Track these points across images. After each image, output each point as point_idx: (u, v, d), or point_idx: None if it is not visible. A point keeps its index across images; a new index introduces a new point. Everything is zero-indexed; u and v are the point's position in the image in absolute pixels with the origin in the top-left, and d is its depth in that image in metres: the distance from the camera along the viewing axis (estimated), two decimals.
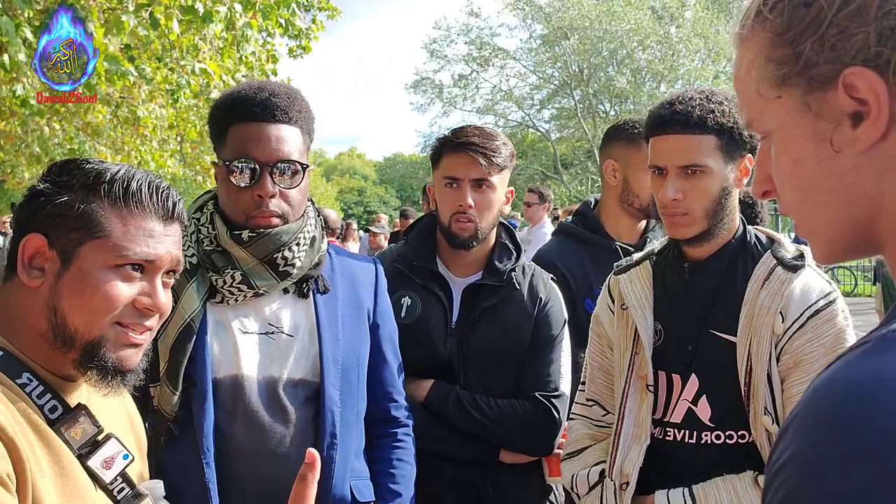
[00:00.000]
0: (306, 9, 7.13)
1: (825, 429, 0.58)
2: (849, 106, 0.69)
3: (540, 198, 7.45)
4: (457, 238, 2.08)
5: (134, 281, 1.16)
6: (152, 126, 8.42)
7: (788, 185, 0.77)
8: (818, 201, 0.74)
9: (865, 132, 0.69)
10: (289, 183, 1.66)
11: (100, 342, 1.14)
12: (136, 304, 1.16)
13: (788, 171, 0.76)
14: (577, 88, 29.55)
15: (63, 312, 1.13)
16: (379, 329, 1.83)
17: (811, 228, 0.78)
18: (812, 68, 0.71)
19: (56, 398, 1.14)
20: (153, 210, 1.18)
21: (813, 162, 0.73)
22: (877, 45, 0.67)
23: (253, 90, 1.68)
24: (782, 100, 0.74)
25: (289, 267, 1.66)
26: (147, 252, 1.16)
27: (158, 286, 1.18)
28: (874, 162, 0.70)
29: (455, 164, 2.07)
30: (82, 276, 1.13)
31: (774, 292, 1.67)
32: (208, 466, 1.56)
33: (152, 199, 1.18)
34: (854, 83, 0.68)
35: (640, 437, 1.76)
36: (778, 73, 0.73)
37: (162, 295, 1.19)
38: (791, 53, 0.72)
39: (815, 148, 0.72)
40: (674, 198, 1.68)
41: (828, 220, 0.75)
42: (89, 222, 1.14)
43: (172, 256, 1.20)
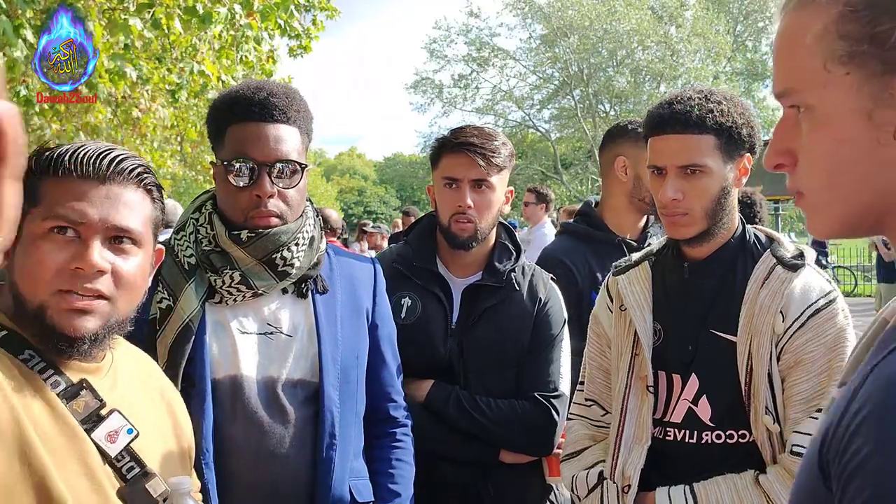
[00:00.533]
0: (306, 9, 7.13)
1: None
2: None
3: (538, 198, 7.43)
4: (456, 238, 2.08)
5: (67, 246, 1.15)
6: (152, 126, 8.42)
7: (820, 163, 0.75)
8: (846, 184, 0.73)
9: None
10: (287, 183, 1.65)
11: (43, 308, 1.13)
12: (69, 266, 1.14)
13: (827, 150, 0.74)
14: (577, 88, 29.55)
15: (17, 285, 1.16)
16: (378, 329, 1.83)
17: (825, 207, 0.77)
18: (890, 51, 0.68)
19: (58, 374, 1.15)
20: (81, 172, 1.17)
21: (858, 145, 0.71)
22: None
23: (251, 90, 1.67)
24: (849, 77, 0.71)
25: (287, 267, 1.66)
26: (68, 214, 1.15)
27: (92, 246, 1.15)
28: None
29: (454, 164, 2.07)
30: (24, 247, 1.15)
31: (774, 291, 1.67)
32: (207, 467, 1.56)
33: (82, 163, 1.18)
34: None
35: (641, 438, 1.75)
36: (849, 50, 0.70)
37: (95, 254, 1.15)
38: (866, 32, 0.70)
39: (864, 131, 0.71)
40: (673, 198, 1.68)
41: (848, 200, 0.74)
42: (29, 194, 1.15)
43: (110, 221, 1.17)
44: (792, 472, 1.61)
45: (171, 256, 1.67)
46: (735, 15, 30.54)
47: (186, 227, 1.71)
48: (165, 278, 1.64)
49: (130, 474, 1.18)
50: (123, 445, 1.18)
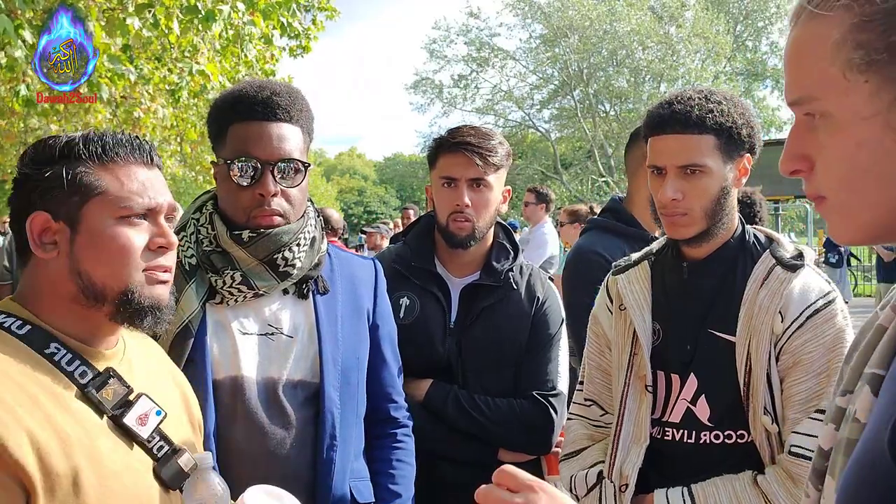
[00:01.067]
0: (306, 9, 7.14)
1: None
2: None
3: (538, 197, 7.42)
4: (454, 237, 2.08)
5: (142, 226, 1.23)
6: (152, 126, 8.42)
7: (841, 167, 0.77)
8: (867, 187, 0.75)
9: None
10: (290, 182, 1.65)
11: (131, 289, 1.21)
12: (151, 245, 1.24)
13: (848, 153, 0.76)
14: (577, 88, 29.54)
15: (88, 273, 1.20)
16: (378, 329, 1.83)
17: (848, 212, 0.79)
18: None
19: (85, 364, 1.20)
20: (135, 159, 1.25)
21: (878, 148, 0.74)
22: None
23: (254, 89, 1.67)
24: (868, 84, 0.73)
25: (289, 267, 1.66)
26: (148, 202, 1.23)
27: (164, 225, 1.26)
28: None
29: (451, 163, 2.07)
30: (94, 235, 1.20)
31: (773, 292, 1.67)
32: None
33: (130, 149, 1.25)
34: None
35: (639, 437, 1.76)
36: (866, 59, 0.73)
37: (170, 232, 1.26)
38: (882, 42, 0.72)
39: (883, 136, 0.73)
40: (673, 198, 1.68)
41: (871, 204, 0.76)
42: (82, 184, 1.20)
43: (169, 202, 1.28)
44: (790, 473, 1.61)
45: None
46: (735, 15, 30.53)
47: (187, 228, 1.71)
48: None
49: (161, 452, 1.26)
50: (154, 426, 1.25)
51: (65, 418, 1.14)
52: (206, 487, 1.26)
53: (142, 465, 1.24)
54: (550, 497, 0.92)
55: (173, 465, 1.26)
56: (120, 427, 1.21)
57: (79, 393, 1.18)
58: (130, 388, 1.24)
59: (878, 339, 0.85)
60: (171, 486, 1.26)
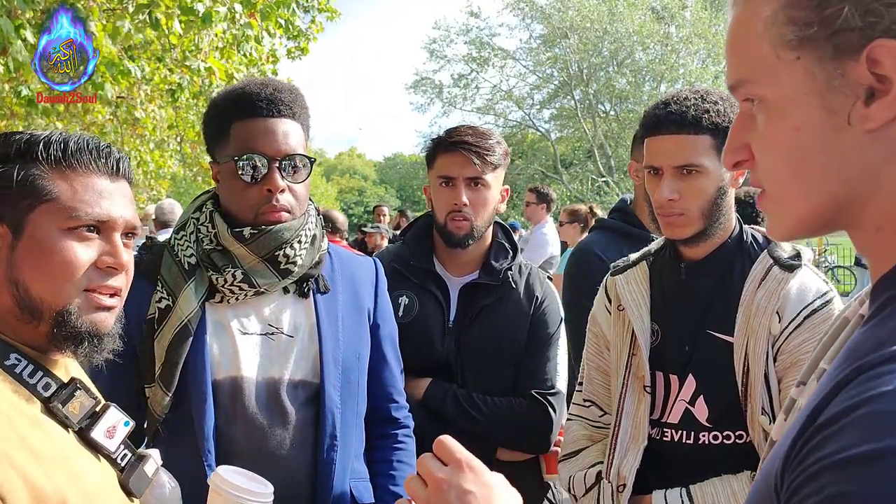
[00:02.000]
0: (306, 10, 7.14)
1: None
2: (866, 80, 0.66)
3: (539, 197, 7.41)
4: (453, 237, 2.09)
5: (91, 242, 1.13)
6: (152, 126, 8.42)
7: (780, 153, 0.72)
8: (808, 174, 0.71)
9: (880, 111, 0.65)
10: (295, 178, 1.65)
11: (69, 310, 1.11)
12: (99, 264, 1.14)
13: (785, 138, 0.71)
14: (577, 88, 29.52)
15: (25, 284, 1.10)
16: (379, 329, 1.82)
17: (787, 203, 0.74)
18: (839, 34, 0.66)
19: (48, 375, 1.13)
20: (97, 168, 1.16)
21: (815, 133, 0.69)
22: None
23: (256, 86, 1.67)
24: (799, 62, 0.69)
25: (290, 265, 1.65)
26: (100, 213, 1.13)
27: (118, 243, 1.16)
28: (879, 143, 0.67)
29: (449, 163, 2.08)
30: (37, 244, 1.11)
31: (771, 292, 1.67)
32: (210, 468, 1.55)
33: (94, 157, 1.16)
34: (879, 58, 0.65)
35: (637, 438, 1.76)
36: (799, 35, 0.68)
37: (124, 252, 1.16)
38: (815, 16, 0.67)
39: (820, 118, 0.69)
40: (669, 198, 1.68)
41: (812, 195, 0.72)
42: (34, 188, 1.11)
43: (127, 218, 1.17)
44: None
45: (171, 256, 1.66)
46: None
47: (187, 227, 1.70)
48: (165, 278, 1.64)
49: (125, 462, 1.20)
50: (121, 439, 1.19)
51: (37, 436, 1.07)
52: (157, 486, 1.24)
53: (111, 478, 1.18)
54: (476, 476, 0.90)
55: (140, 473, 1.21)
56: (85, 440, 1.15)
57: (43, 408, 1.11)
58: (97, 399, 1.18)
59: (839, 331, 0.83)
60: (136, 495, 1.21)
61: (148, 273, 1.66)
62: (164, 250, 1.69)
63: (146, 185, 12.89)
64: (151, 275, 1.65)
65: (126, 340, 1.64)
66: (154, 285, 1.64)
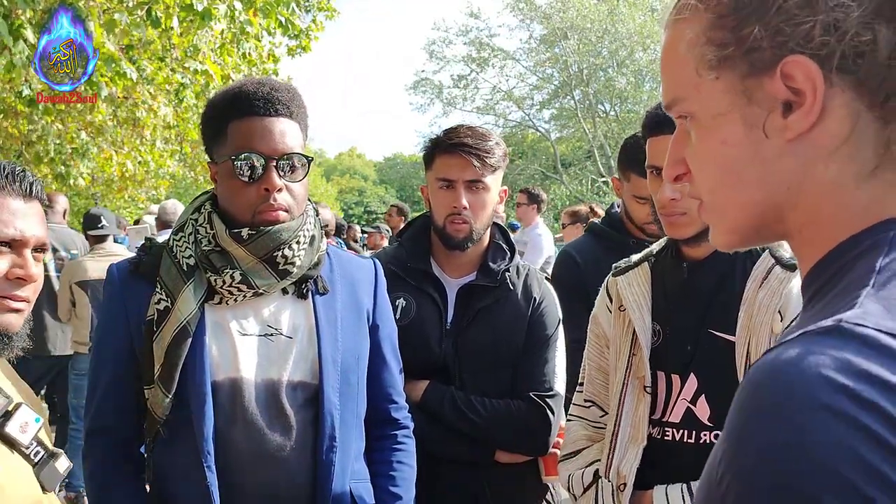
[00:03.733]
0: (306, 9, 7.15)
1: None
2: (782, 94, 0.70)
3: (530, 198, 7.41)
4: (452, 239, 2.08)
5: (4, 256, 1.28)
6: (152, 126, 8.42)
7: (710, 166, 0.77)
8: (737, 184, 0.75)
9: (797, 121, 0.70)
10: (293, 177, 1.65)
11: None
12: (9, 275, 1.28)
13: (714, 152, 0.76)
14: (577, 89, 29.53)
15: None
16: (378, 330, 1.82)
17: (721, 213, 0.79)
18: (753, 53, 0.71)
19: None
20: (12, 190, 1.30)
21: (740, 145, 0.74)
22: (822, 35, 0.68)
23: (254, 85, 1.66)
24: (719, 81, 0.74)
25: (289, 265, 1.65)
26: (13, 233, 1.28)
27: (28, 257, 1.31)
28: (799, 152, 0.71)
29: (448, 165, 2.07)
30: None
31: (773, 291, 1.67)
32: (209, 469, 1.56)
33: (9, 181, 1.30)
34: (791, 72, 0.69)
35: (636, 438, 1.75)
36: (717, 55, 0.73)
37: (33, 265, 1.31)
38: (732, 36, 0.72)
39: (744, 131, 0.73)
40: (672, 197, 1.68)
41: (742, 205, 0.76)
42: None
43: (38, 236, 1.33)
44: None
45: (169, 257, 1.66)
46: None
47: (185, 228, 1.69)
48: (164, 279, 1.63)
49: (38, 458, 1.30)
50: (33, 434, 1.30)
51: None
52: None
53: (24, 471, 1.28)
54: None
55: (51, 468, 1.31)
56: (2, 437, 1.25)
57: None
58: (10, 399, 1.28)
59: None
60: (48, 489, 1.32)
61: (147, 274, 1.65)
62: (162, 251, 1.68)
63: (146, 185, 12.89)
64: (150, 276, 1.65)
65: (126, 342, 1.65)
66: (153, 287, 1.64)
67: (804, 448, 0.55)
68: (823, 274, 0.71)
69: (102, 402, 1.66)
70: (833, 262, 0.71)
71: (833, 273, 0.70)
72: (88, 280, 5.06)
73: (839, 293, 0.66)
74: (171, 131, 9.35)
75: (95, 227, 5.35)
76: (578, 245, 2.77)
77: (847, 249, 0.70)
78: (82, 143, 8.26)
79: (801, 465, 0.55)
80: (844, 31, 0.67)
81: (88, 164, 8.62)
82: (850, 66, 0.68)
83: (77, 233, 6.07)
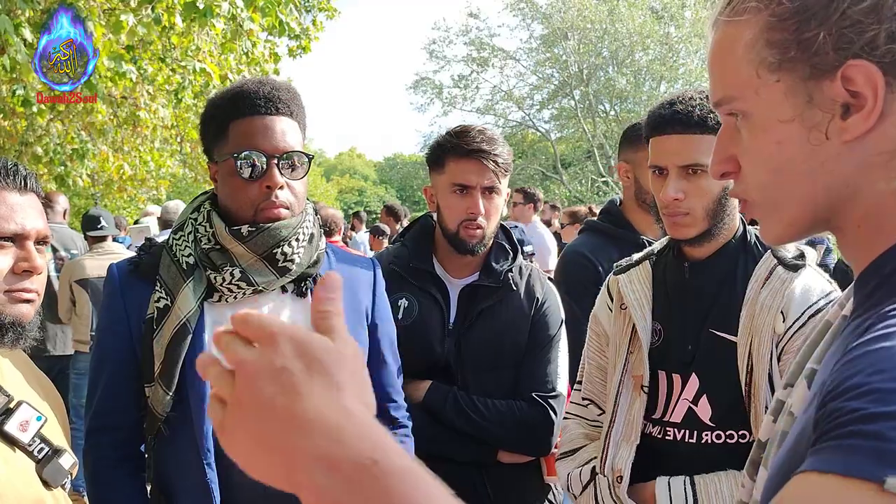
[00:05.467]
0: (306, 9, 7.14)
1: None
2: (842, 97, 0.72)
3: (525, 197, 7.45)
4: (466, 244, 2.07)
5: (7, 250, 1.30)
6: (152, 126, 8.42)
7: (764, 165, 0.78)
8: (792, 183, 0.77)
9: (856, 124, 0.72)
10: (294, 174, 1.65)
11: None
12: (16, 269, 1.30)
13: (769, 151, 0.77)
14: (577, 88, 29.53)
15: None
16: (377, 329, 1.82)
17: (774, 207, 0.80)
18: (816, 56, 0.72)
19: None
20: (7, 185, 1.32)
21: (797, 145, 0.75)
22: (886, 43, 0.69)
23: (254, 85, 1.66)
24: (780, 83, 0.75)
25: (288, 263, 1.65)
26: (14, 227, 1.30)
27: (32, 250, 1.32)
28: (857, 153, 0.73)
29: (465, 170, 2.05)
30: None
31: (775, 291, 1.67)
32: (210, 467, 1.56)
33: (2, 175, 1.31)
34: (852, 76, 0.71)
35: (629, 436, 1.75)
36: (778, 57, 0.75)
37: (37, 257, 1.33)
38: (793, 38, 0.74)
39: (802, 132, 0.74)
40: (675, 197, 1.68)
41: (797, 200, 0.77)
42: None
43: (39, 228, 1.34)
44: None
45: (169, 256, 1.66)
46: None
47: (185, 228, 1.70)
48: (163, 278, 1.63)
49: (42, 454, 1.33)
50: (34, 432, 1.32)
51: None
52: None
53: (26, 468, 1.30)
54: (299, 347, 0.60)
55: (55, 464, 1.33)
56: (1, 434, 1.27)
57: None
58: (11, 397, 1.30)
59: (823, 334, 0.87)
60: (53, 485, 1.33)
61: (146, 273, 1.66)
62: (162, 251, 1.68)
63: (146, 185, 12.89)
64: (150, 275, 1.65)
65: (126, 340, 1.65)
66: (152, 285, 1.64)
67: None
68: (885, 267, 0.73)
69: (103, 400, 1.66)
70: (895, 258, 0.72)
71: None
72: (88, 278, 5.05)
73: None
74: (172, 131, 9.35)
75: (94, 227, 5.37)
76: (587, 244, 2.65)
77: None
78: (81, 144, 8.26)
79: None
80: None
81: (88, 164, 8.62)
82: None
83: (77, 233, 6.07)
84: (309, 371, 0.58)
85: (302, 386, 0.57)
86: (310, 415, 0.56)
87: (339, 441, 0.54)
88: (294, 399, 0.56)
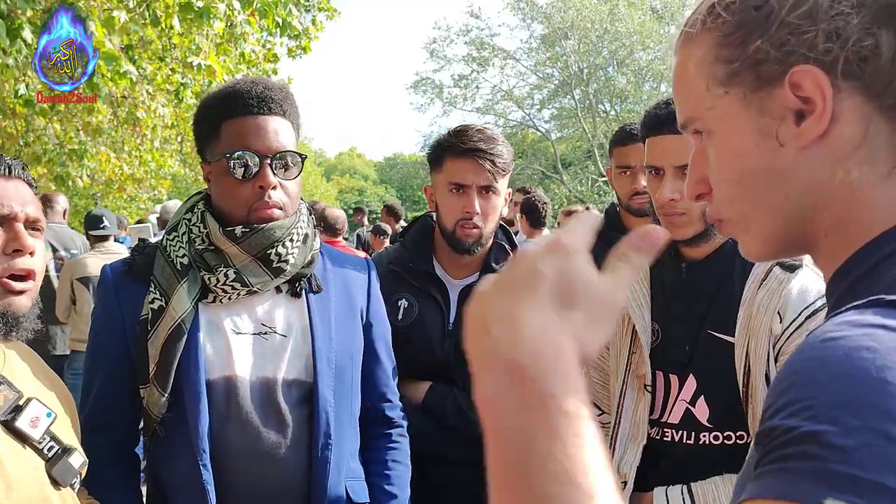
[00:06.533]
0: (306, 9, 7.14)
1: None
2: (793, 103, 0.72)
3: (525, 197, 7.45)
4: (462, 244, 2.07)
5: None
6: (152, 126, 8.42)
7: (728, 180, 0.79)
8: (757, 195, 0.76)
9: (809, 128, 0.71)
10: (287, 174, 1.65)
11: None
12: (6, 249, 1.29)
13: (730, 165, 0.78)
14: (577, 88, 29.54)
15: None
16: (372, 329, 1.82)
17: (746, 225, 0.80)
18: (760, 66, 0.73)
19: None
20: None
21: (756, 156, 0.75)
22: (825, 42, 0.69)
23: (247, 84, 1.66)
24: (729, 96, 0.76)
25: (282, 263, 1.65)
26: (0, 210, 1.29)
27: (20, 229, 1.31)
28: (816, 158, 0.72)
29: (462, 169, 2.04)
30: None
31: (772, 292, 1.67)
32: (205, 468, 1.56)
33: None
34: (800, 82, 0.71)
35: (636, 436, 1.75)
36: (726, 71, 0.75)
37: (27, 237, 1.31)
38: (739, 52, 0.74)
39: (758, 142, 0.74)
40: (671, 198, 1.68)
41: (764, 212, 0.77)
42: None
43: (28, 212, 1.33)
44: None
45: (163, 257, 1.66)
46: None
47: (179, 228, 1.69)
48: (158, 279, 1.63)
49: (52, 453, 1.32)
50: (44, 429, 1.31)
51: None
52: None
53: (36, 466, 1.29)
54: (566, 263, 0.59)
55: (65, 463, 1.33)
56: (12, 431, 1.26)
57: None
58: (21, 393, 1.29)
59: None
60: (62, 484, 1.32)
61: (140, 274, 1.65)
62: (156, 252, 1.68)
63: (146, 185, 12.89)
64: (144, 276, 1.65)
65: (121, 341, 1.65)
66: (147, 286, 1.64)
67: None
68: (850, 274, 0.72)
69: (98, 399, 1.66)
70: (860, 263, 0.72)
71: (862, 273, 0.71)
72: (90, 276, 5.05)
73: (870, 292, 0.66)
74: (172, 130, 9.35)
75: (97, 227, 5.38)
76: None
77: (874, 250, 0.71)
78: (80, 144, 8.26)
79: None
80: (846, 38, 0.69)
81: (88, 164, 8.61)
82: (856, 70, 0.69)
83: (77, 232, 6.08)
84: (557, 289, 0.58)
85: (539, 296, 0.57)
86: (525, 321, 0.56)
87: (535, 363, 0.55)
88: (526, 296, 0.57)
